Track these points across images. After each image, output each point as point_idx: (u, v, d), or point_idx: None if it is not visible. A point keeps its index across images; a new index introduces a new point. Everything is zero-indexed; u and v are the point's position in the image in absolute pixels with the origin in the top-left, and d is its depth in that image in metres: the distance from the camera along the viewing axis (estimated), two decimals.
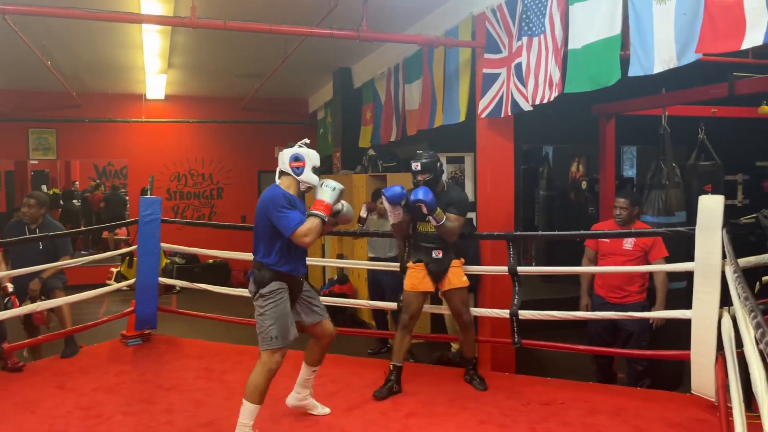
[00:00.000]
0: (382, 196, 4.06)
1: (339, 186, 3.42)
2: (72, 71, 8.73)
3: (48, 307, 4.87)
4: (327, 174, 9.44)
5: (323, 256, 9.02)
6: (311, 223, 3.27)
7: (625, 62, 3.61)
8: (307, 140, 3.48)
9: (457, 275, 4.14)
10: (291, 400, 3.71)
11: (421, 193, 3.88)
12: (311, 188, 3.43)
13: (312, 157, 3.39)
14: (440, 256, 4.09)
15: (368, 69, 8.18)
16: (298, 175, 3.36)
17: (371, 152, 7.88)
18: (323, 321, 3.59)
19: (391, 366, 4.08)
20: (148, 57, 7.75)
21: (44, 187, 14.49)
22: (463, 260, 4.25)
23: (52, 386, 4.22)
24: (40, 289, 4.94)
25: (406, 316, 4.11)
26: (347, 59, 8.56)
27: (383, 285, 5.89)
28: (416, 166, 4.04)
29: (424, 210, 3.91)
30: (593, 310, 4.54)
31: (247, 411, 3.23)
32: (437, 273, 4.12)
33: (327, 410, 3.73)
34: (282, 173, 3.41)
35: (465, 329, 4.22)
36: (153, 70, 8.54)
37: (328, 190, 3.38)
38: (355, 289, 7.86)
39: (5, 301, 4.67)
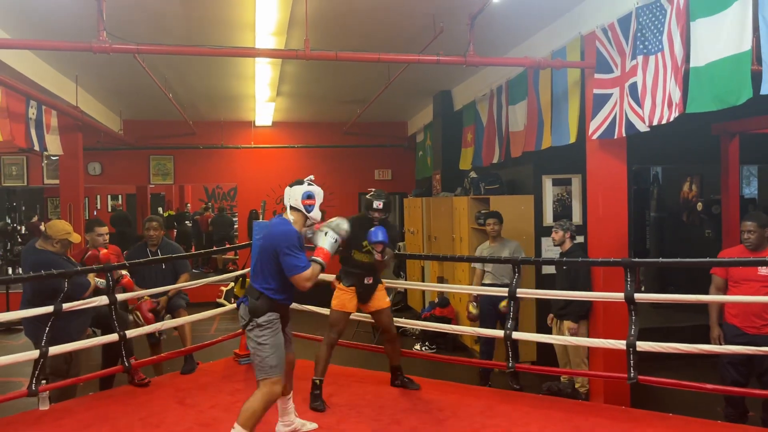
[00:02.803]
0: (377, 242, 4.22)
1: (340, 237, 3.56)
2: (189, 102, 9.34)
3: (173, 326, 5.16)
4: (426, 196, 9.47)
5: (423, 280, 9.02)
6: (314, 270, 3.38)
7: (754, 78, 3.39)
8: (312, 177, 3.59)
9: (382, 297, 4.58)
10: (280, 429, 3.81)
11: (381, 235, 4.19)
12: (313, 224, 3.57)
13: (320, 195, 3.53)
14: (371, 282, 4.49)
15: (469, 91, 8.17)
16: (309, 212, 3.49)
17: (473, 174, 7.82)
18: (292, 352, 3.80)
19: (317, 381, 4.35)
20: (259, 86, 8.14)
21: (160, 209, 15.51)
22: (385, 283, 4.67)
23: (173, 401, 4.45)
24: (167, 306, 5.26)
25: (335, 335, 4.45)
26: (448, 82, 8.60)
27: (499, 310, 5.68)
28: (378, 204, 4.34)
29: (379, 249, 4.25)
30: (727, 341, 4.25)
31: None
32: (365, 295, 4.50)
33: (314, 425, 3.89)
34: (292, 208, 3.49)
35: (393, 341, 4.65)
36: (263, 98, 8.94)
37: (330, 240, 3.51)
38: (456, 313, 7.78)
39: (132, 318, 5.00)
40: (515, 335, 4.52)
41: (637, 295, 4.03)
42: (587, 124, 5.00)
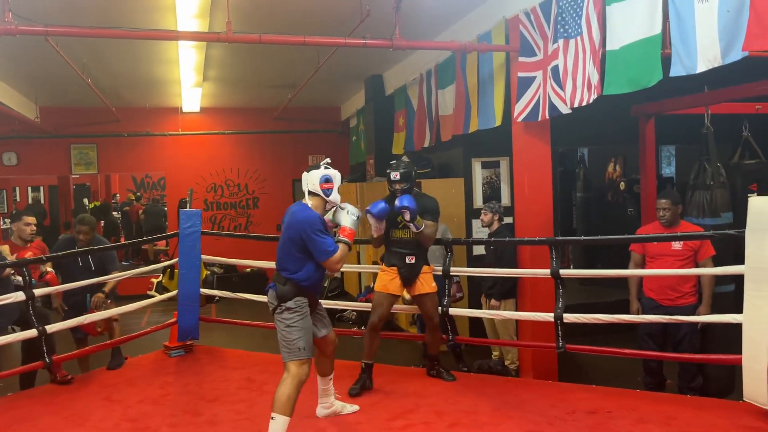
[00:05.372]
0: (368, 215, 4.20)
1: (359, 212, 3.58)
2: (111, 87, 8.95)
3: (98, 319, 4.97)
4: (360, 182, 9.46)
5: (359, 263, 9.04)
6: (343, 251, 3.42)
7: (666, 62, 3.53)
8: (328, 159, 3.57)
9: (428, 281, 4.33)
10: (321, 411, 3.81)
11: (407, 201, 4.06)
12: (333, 208, 3.54)
13: (338, 178, 3.50)
14: (413, 261, 4.28)
15: (400, 75, 8.18)
16: (328, 196, 3.46)
17: (405, 159, 7.85)
18: (331, 332, 3.78)
19: (363, 364, 4.29)
20: (184, 71, 7.89)
21: (86, 201, 14.87)
22: (432, 267, 4.44)
23: (99, 398, 4.31)
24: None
25: (375, 318, 4.27)
26: (379, 66, 8.58)
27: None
28: (395, 175, 4.24)
29: (407, 217, 4.08)
30: (645, 313, 4.47)
31: (279, 425, 3.21)
32: (408, 278, 4.30)
33: (356, 407, 3.89)
34: (311, 193, 3.46)
35: (434, 330, 4.46)
36: (188, 83, 8.68)
37: (352, 218, 3.53)
38: None
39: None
40: (451, 311, 4.70)
41: (562, 271, 4.21)
42: (513, 107, 5.10)
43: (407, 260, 4.28)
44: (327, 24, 6.00)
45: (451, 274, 4.69)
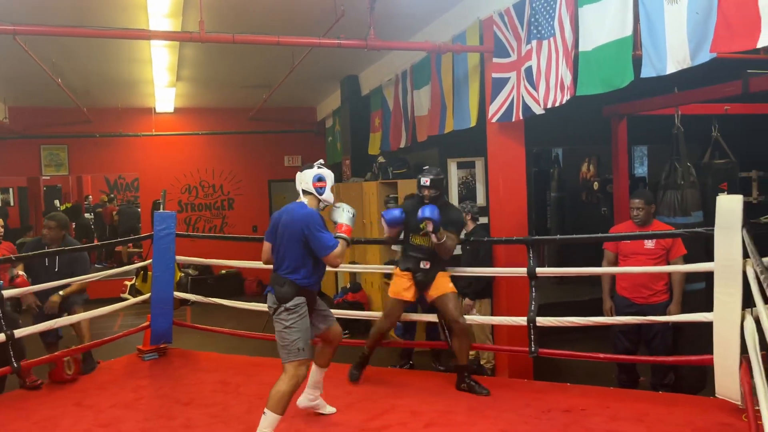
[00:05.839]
0: (382, 219, 4.21)
1: (354, 210, 3.64)
2: (82, 87, 8.79)
3: (66, 323, 4.87)
4: (337, 182, 9.43)
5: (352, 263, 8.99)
6: (343, 247, 3.47)
7: (637, 63, 3.57)
8: (321, 161, 3.64)
9: (444, 282, 4.24)
10: (302, 401, 3.82)
11: (428, 211, 3.97)
12: (326, 207, 3.60)
13: (330, 177, 3.57)
14: (428, 267, 4.21)
15: (376, 76, 8.17)
16: (321, 194, 3.53)
17: (381, 159, 7.86)
18: (334, 325, 3.79)
19: (367, 351, 4.40)
20: (157, 71, 7.79)
21: (57, 202, 14.61)
22: (449, 273, 4.35)
23: (70, 403, 4.23)
24: (60, 305, 4.94)
25: (386, 326, 4.26)
26: (354, 67, 8.56)
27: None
28: (425, 181, 4.16)
29: (430, 228, 3.99)
30: (618, 311, 4.51)
31: (269, 421, 3.30)
32: (423, 283, 4.23)
33: (333, 409, 3.89)
34: (305, 192, 3.53)
35: (461, 335, 4.16)
36: (162, 83, 8.57)
37: (348, 215, 3.60)
38: (368, 298, 7.83)
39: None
40: (427, 316, 4.69)
41: (538, 270, 4.24)
42: (487, 108, 5.12)
43: (422, 265, 4.21)
44: (302, 24, 5.97)
45: None
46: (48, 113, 10.33)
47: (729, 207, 3.34)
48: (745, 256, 3.23)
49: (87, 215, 14.39)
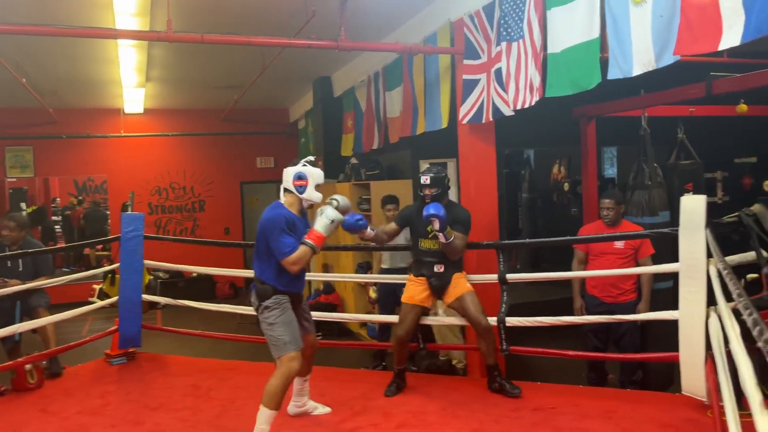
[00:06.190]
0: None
1: (339, 218, 3.50)
2: (47, 88, 8.61)
3: (30, 327, 4.76)
4: None
5: (308, 269, 8.95)
6: (302, 253, 3.35)
7: (604, 65, 3.62)
8: (311, 158, 3.55)
9: (461, 283, 4.11)
10: (292, 408, 3.81)
11: (433, 209, 3.81)
12: (313, 205, 3.54)
13: (315, 176, 3.47)
14: (442, 270, 4.08)
15: (348, 77, 8.16)
16: (301, 193, 3.46)
17: (354, 160, 7.85)
18: (310, 334, 3.74)
19: (396, 370, 4.22)
20: (125, 71, 7.66)
21: (23, 205, 14.27)
22: (465, 273, 4.22)
23: (35, 410, 4.13)
24: (22, 307, 4.82)
25: (402, 332, 4.13)
26: (327, 68, 8.53)
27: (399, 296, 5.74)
28: (425, 179, 4.02)
29: (436, 226, 3.83)
30: (588, 310, 4.58)
31: (265, 417, 3.28)
32: (439, 287, 4.12)
33: (328, 409, 3.88)
34: (285, 190, 3.48)
35: (485, 335, 4.04)
36: (130, 84, 8.44)
37: (324, 221, 3.45)
38: (341, 299, 7.81)
39: None
40: (392, 317, 4.67)
41: (509, 276, 4.27)
42: (458, 109, 5.15)
43: (435, 269, 4.08)
44: (272, 24, 5.93)
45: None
46: (12, 114, 10.09)
47: (693, 207, 3.39)
48: (709, 255, 3.29)
49: (55, 218, 14.10)
